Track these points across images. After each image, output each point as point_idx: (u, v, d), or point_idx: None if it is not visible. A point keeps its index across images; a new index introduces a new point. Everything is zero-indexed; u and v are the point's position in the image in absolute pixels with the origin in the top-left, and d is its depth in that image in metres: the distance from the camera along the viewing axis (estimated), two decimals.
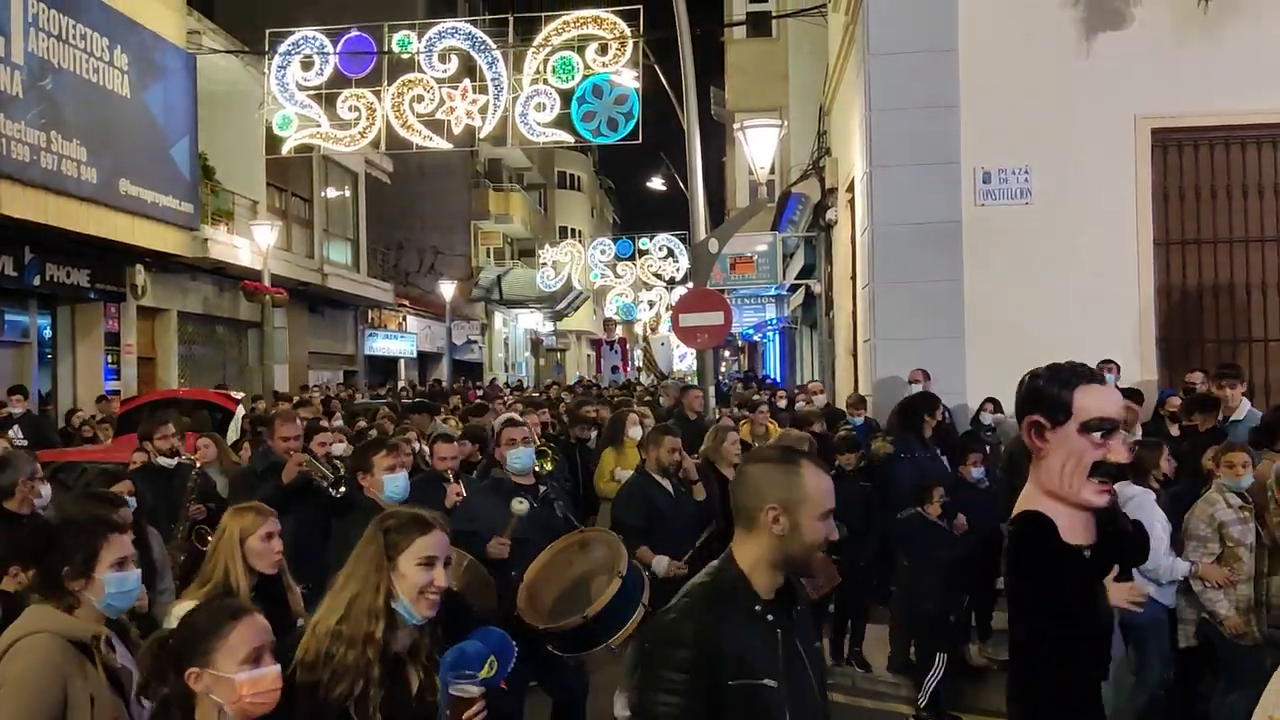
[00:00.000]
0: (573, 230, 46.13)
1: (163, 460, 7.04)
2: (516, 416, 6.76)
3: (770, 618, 2.39)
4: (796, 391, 11.80)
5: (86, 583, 2.99)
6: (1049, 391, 2.64)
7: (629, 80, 15.93)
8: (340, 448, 7.58)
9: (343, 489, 5.70)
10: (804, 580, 2.69)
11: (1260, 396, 9.20)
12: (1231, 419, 7.17)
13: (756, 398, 10.29)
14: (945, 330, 9.68)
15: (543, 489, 5.47)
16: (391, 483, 4.97)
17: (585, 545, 5.06)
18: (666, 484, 6.06)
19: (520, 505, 5.04)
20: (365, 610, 2.76)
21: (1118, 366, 8.87)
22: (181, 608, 3.52)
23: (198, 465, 6.98)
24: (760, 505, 2.39)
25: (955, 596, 6.95)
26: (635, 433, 7.89)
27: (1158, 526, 5.37)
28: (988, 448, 7.86)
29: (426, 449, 6.86)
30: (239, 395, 14.50)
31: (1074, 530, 2.61)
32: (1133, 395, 7.80)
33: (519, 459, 5.26)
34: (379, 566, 2.80)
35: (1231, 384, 7.29)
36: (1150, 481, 5.73)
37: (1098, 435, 2.60)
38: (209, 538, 5.38)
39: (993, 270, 9.68)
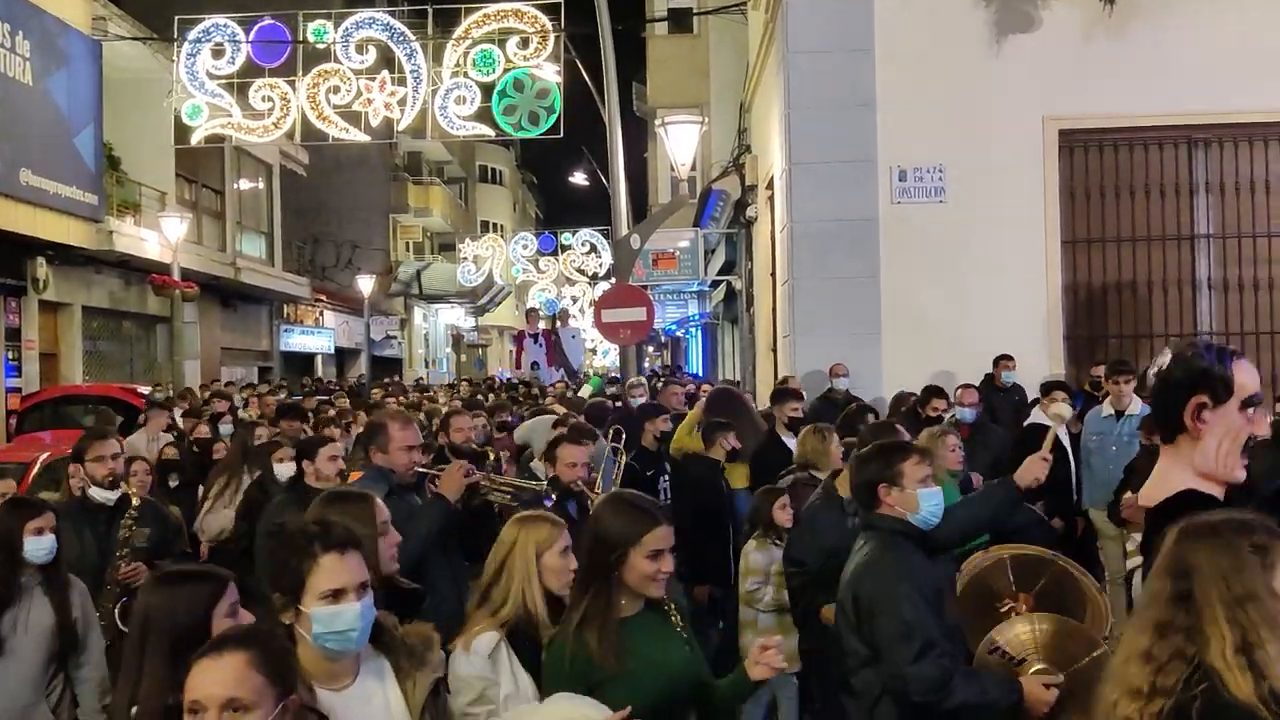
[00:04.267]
0: (494, 225, 45.76)
1: (97, 493, 5.01)
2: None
3: None
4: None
5: (296, 615, 2.39)
6: (1215, 370, 2.52)
7: (551, 74, 15.85)
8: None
9: (553, 497, 4.46)
10: None
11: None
12: (1126, 413, 7.42)
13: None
14: (862, 326, 9.83)
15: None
16: (928, 499, 3.54)
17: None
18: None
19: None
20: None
21: (1014, 362, 9.08)
22: (480, 638, 3.05)
23: (135, 498, 5.14)
24: None
25: None
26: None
27: None
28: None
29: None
30: (145, 390, 14.08)
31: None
32: (1063, 387, 8.03)
33: None
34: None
35: (1126, 379, 7.50)
36: None
37: (1250, 411, 2.54)
38: None
39: (908, 267, 9.85)
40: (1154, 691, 1.98)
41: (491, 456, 5.92)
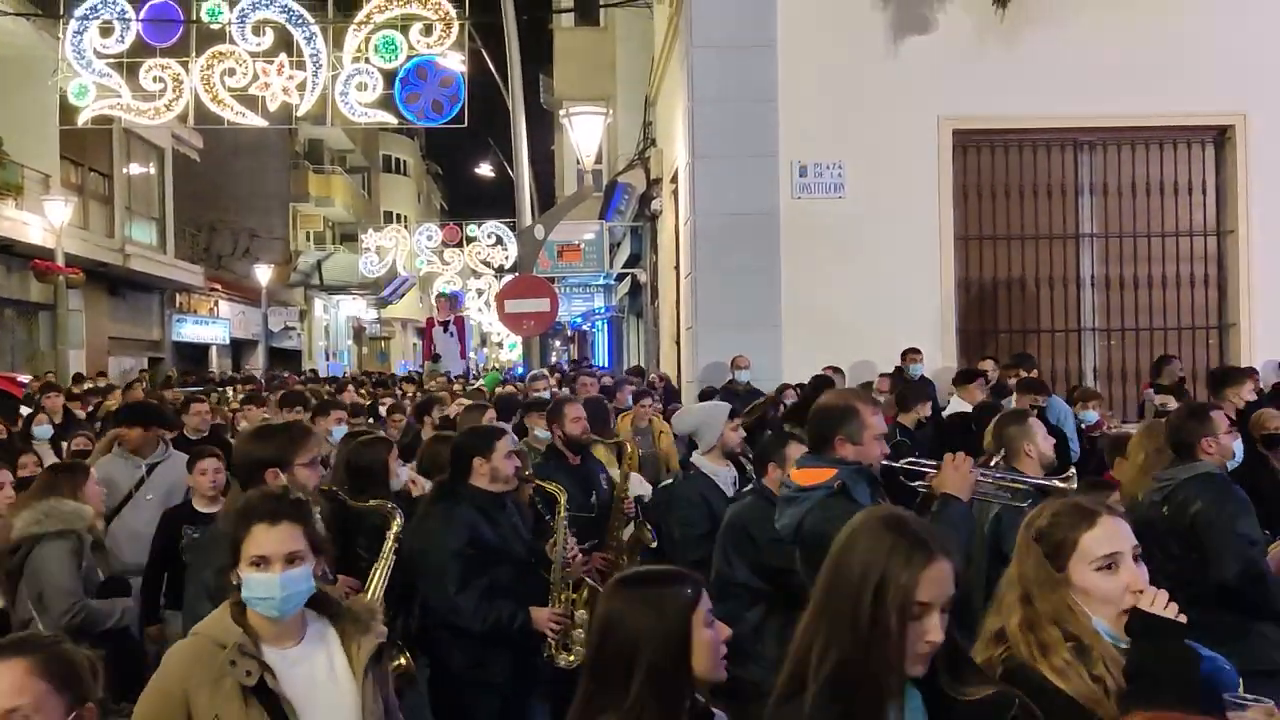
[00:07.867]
0: (398, 215, 45.02)
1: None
2: None
3: None
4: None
5: (237, 580, 2.54)
6: None
7: (455, 63, 15.63)
8: None
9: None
10: None
11: (1046, 383, 9.90)
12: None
13: (632, 385, 9.60)
14: (763, 318, 9.97)
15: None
16: None
17: None
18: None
19: None
20: None
21: (921, 355, 9.36)
22: None
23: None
24: None
25: None
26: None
27: None
28: None
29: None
30: (24, 379, 13.49)
31: None
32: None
33: None
34: None
35: (1023, 371, 7.78)
36: None
37: None
38: None
39: (808, 261, 10.02)
40: (988, 661, 2.26)
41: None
